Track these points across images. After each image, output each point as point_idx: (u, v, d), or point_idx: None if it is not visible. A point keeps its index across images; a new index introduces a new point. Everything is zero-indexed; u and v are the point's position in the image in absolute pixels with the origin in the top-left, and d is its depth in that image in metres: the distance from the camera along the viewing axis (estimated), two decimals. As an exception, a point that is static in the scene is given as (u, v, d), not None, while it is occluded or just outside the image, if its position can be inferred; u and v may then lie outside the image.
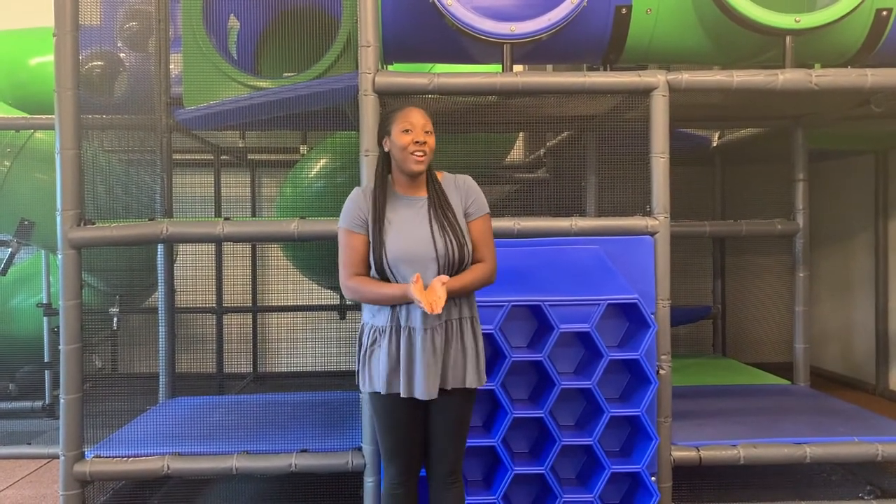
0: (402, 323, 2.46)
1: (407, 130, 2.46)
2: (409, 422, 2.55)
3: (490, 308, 3.10)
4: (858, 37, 3.84)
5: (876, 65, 3.68)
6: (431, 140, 2.50)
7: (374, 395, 2.55)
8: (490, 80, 3.42)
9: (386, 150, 2.56)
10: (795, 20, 3.53)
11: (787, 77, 3.49)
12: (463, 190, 2.56)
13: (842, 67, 3.65)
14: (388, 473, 2.63)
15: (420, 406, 2.53)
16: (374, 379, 2.52)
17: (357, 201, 2.56)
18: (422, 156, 2.46)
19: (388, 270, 2.46)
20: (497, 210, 2.97)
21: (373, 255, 2.49)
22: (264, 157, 6.51)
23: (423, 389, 2.43)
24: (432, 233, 2.46)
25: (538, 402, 3.27)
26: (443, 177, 2.60)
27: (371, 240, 2.49)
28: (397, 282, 2.46)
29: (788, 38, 3.59)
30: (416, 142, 2.45)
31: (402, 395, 2.46)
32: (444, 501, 2.60)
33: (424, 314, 2.40)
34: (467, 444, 2.76)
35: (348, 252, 2.52)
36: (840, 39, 3.84)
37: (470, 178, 2.61)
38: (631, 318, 3.39)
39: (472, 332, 2.53)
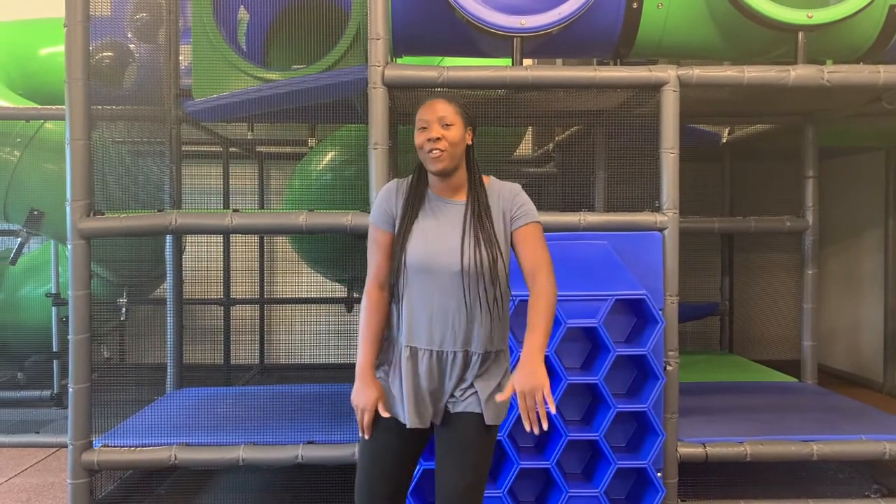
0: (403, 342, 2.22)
1: (423, 128, 2.18)
2: (388, 452, 2.19)
3: (497, 302, 3.09)
4: (871, 33, 3.81)
5: (888, 61, 3.66)
6: (451, 133, 2.16)
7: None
8: (500, 73, 3.42)
9: None
10: (808, 16, 3.51)
11: (799, 73, 3.47)
12: (508, 197, 2.24)
13: (854, 64, 3.63)
14: None
15: (410, 441, 2.21)
16: None
17: (388, 196, 2.27)
18: (438, 153, 2.15)
19: (402, 281, 2.19)
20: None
21: (393, 260, 2.22)
22: (273, 149, 6.52)
23: (402, 413, 2.19)
24: (462, 242, 2.16)
25: (545, 396, 3.26)
26: (489, 182, 2.28)
27: (395, 242, 2.23)
28: (407, 296, 2.19)
29: (800, 34, 3.57)
30: (430, 139, 2.15)
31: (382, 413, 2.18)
32: None
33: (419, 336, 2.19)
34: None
35: (373, 248, 2.26)
36: (852, 36, 3.82)
37: (519, 186, 2.29)
38: (639, 313, 3.39)
39: (484, 366, 2.22)
